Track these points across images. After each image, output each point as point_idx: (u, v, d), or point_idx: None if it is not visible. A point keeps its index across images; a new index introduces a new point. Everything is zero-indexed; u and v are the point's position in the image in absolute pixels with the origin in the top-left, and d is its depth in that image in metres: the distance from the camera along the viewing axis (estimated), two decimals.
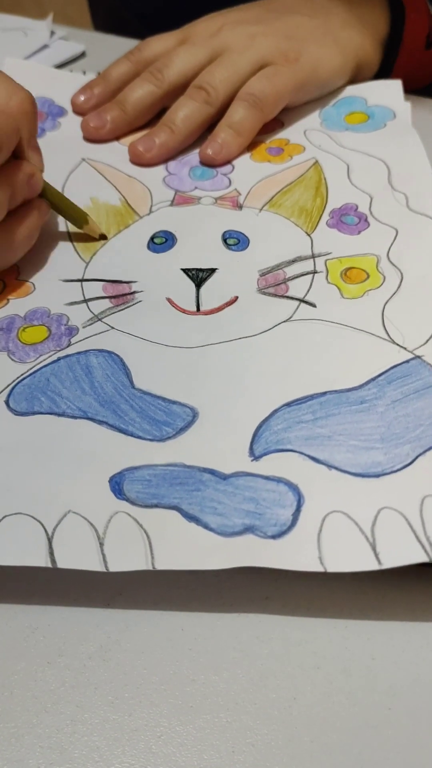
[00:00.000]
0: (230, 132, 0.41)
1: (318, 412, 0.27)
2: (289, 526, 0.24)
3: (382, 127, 0.43)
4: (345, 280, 0.33)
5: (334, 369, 0.29)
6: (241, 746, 0.21)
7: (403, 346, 0.29)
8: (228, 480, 0.25)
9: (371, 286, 0.32)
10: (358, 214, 0.36)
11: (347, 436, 0.26)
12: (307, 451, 0.26)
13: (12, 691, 0.22)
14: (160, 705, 0.22)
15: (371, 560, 0.23)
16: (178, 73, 0.43)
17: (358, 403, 0.27)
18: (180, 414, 0.27)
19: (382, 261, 0.33)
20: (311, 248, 0.35)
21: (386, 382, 0.28)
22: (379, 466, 0.25)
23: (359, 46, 0.46)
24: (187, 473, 0.25)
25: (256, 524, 0.24)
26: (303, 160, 0.41)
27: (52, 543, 0.24)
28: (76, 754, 0.21)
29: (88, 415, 0.28)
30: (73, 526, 0.24)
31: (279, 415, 0.27)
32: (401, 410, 0.27)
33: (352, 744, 0.21)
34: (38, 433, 0.27)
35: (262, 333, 0.30)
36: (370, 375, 0.28)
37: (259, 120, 0.42)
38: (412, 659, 0.23)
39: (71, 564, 0.23)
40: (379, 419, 0.27)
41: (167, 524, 0.24)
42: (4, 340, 0.31)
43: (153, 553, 0.23)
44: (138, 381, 0.29)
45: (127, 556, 0.23)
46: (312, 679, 0.22)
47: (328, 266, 0.34)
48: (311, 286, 0.32)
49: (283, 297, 0.32)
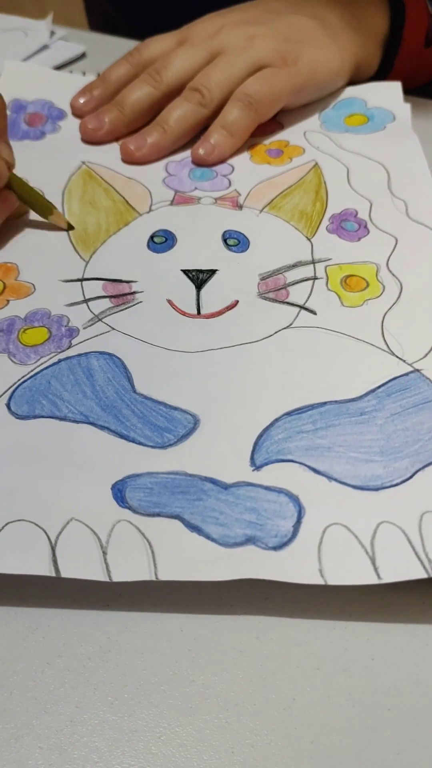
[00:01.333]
0: (223, 133, 0.41)
1: (318, 422, 0.27)
2: (290, 537, 0.24)
3: (382, 129, 0.43)
4: (345, 288, 0.33)
5: (334, 378, 0.29)
6: (241, 747, 0.21)
7: (403, 359, 0.29)
8: (229, 490, 0.25)
9: (371, 295, 0.32)
10: (358, 220, 0.36)
11: (347, 447, 0.26)
12: (308, 461, 0.26)
13: (11, 692, 0.22)
14: (160, 706, 0.22)
15: (371, 574, 0.23)
16: (176, 74, 0.43)
17: (358, 415, 0.27)
18: (181, 421, 0.27)
19: (381, 270, 0.33)
20: (311, 253, 0.35)
21: (385, 395, 0.28)
22: (379, 480, 0.25)
23: (359, 46, 0.46)
24: (189, 482, 0.25)
25: (257, 535, 0.24)
26: (302, 162, 0.41)
27: (56, 551, 0.24)
28: (76, 755, 0.21)
29: (90, 419, 0.28)
30: (76, 535, 0.24)
31: (280, 424, 0.27)
32: (400, 424, 0.27)
33: (352, 744, 0.21)
34: (40, 437, 0.27)
35: (262, 339, 0.31)
36: (369, 386, 0.28)
37: (253, 121, 0.42)
38: (411, 660, 0.23)
39: (75, 573, 0.23)
40: (379, 432, 0.27)
41: (169, 534, 0.24)
42: (5, 341, 0.31)
43: (156, 563, 0.23)
44: (139, 385, 0.29)
45: (130, 566, 0.23)
46: (311, 679, 0.22)
47: (328, 272, 0.34)
48: (311, 293, 0.33)
49: (283, 303, 0.32)
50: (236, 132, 0.42)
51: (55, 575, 0.23)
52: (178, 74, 0.43)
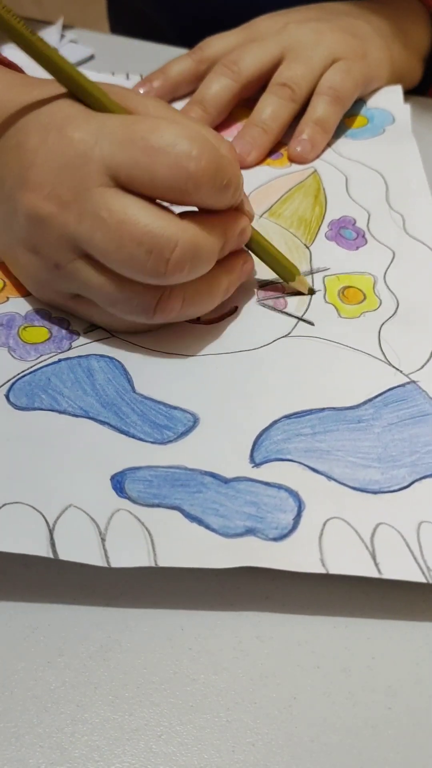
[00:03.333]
0: (317, 129, 0.41)
1: (317, 426, 0.27)
2: (291, 529, 0.24)
3: (381, 133, 0.43)
4: (342, 300, 0.33)
5: (332, 386, 0.29)
6: (242, 745, 0.21)
7: (400, 369, 0.30)
8: (229, 484, 0.25)
9: (368, 308, 0.33)
10: (356, 229, 0.37)
11: (345, 452, 0.26)
12: (307, 462, 0.26)
13: (12, 691, 0.22)
14: (161, 704, 0.22)
15: (372, 568, 0.23)
16: (253, 66, 0.42)
17: (356, 422, 0.28)
18: (181, 419, 0.27)
19: (378, 283, 0.34)
20: (310, 262, 0.35)
21: (383, 404, 0.28)
22: (377, 484, 0.26)
23: (405, 59, 0.46)
24: (189, 475, 0.25)
25: (257, 527, 0.24)
26: (302, 167, 0.41)
27: (54, 534, 0.24)
28: (77, 754, 0.21)
29: (90, 414, 0.28)
30: (74, 520, 0.24)
31: (279, 426, 0.27)
32: (397, 434, 0.27)
33: (352, 743, 0.21)
34: (39, 428, 0.27)
35: (261, 347, 0.31)
36: (367, 395, 0.29)
37: (340, 114, 0.42)
38: (411, 659, 0.23)
39: (72, 556, 0.23)
40: (376, 440, 0.27)
41: (169, 523, 0.24)
42: (5, 335, 0.31)
43: (155, 550, 0.23)
44: (139, 386, 0.29)
45: (129, 553, 0.23)
46: (312, 678, 0.22)
47: (326, 284, 0.34)
48: (309, 305, 0.33)
49: (282, 312, 0.32)
50: (328, 126, 0.42)
51: (53, 557, 0.23)
52: (254, 66, 0.42)
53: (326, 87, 0.42)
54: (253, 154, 0.41)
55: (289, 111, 0.42)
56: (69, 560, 0.23)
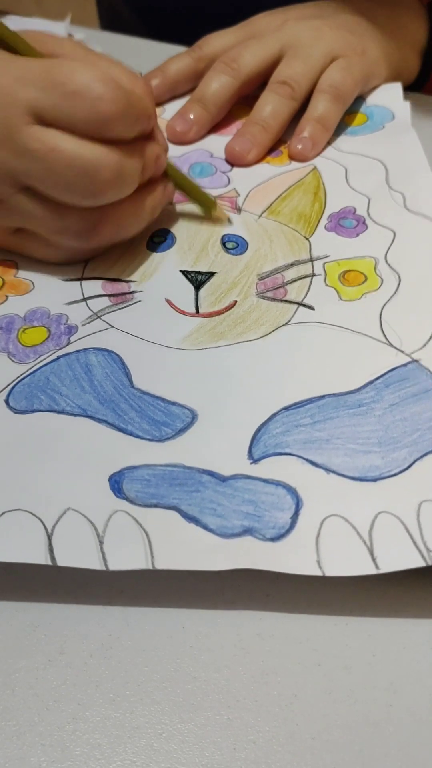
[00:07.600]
0: (318, 127, 0.41)
1: (316, 415, 0.27)
2: (288, 529, 0.24)
3: (381, 129, 0.43)
4: (343, 283, 0.33)
5: (332, 372, 0.29)
6: (243, 743, 0.21)
7: (401, 350, 0.29)
8: (227, 482, 0.25)
9: (369, 288, 0.32)
10: (356, 217, 0.36)
11: (345, 439, 0.26)
12: (305, 454, 0.26)
13: (13, 689, 0.22)
14: (162, 702, 0.22)
15: (369, 564, 0.23)
16: (252, 63, 0.42)
17: (356, 407, 0.27)
18: (179, 415, 0.27)
19: (380, 263, 0.34)
20: (309, 252, 0.35)
21: (384, 386, 0.28)
22: (377, 470, 0.25)
23: (402, 55, 0.46)
24: (187, 474, 0.25)
25: (255, 526, 0.24)
26: (302, 165, 0.41)
27: (52, 540, 0.24)
28: (78, 752, 0.21)
29: (88, 413, 0.28)
30: (72, 524, 0.24)
31: (278, 419, 0.27)
32: (399, 414, 0.27)
33: (353, 741, 0.21)
34: (38, 430, 0.27)
35: (261, 338, 0.31)
36: (367, 378, 0.28)
37: (341, 111, 0.42)
38: (412, 656, 0.23)
39: (71, 562, 0.23)
40: (377, 423, 0.27)
41: (167, 524, 0.24)
42: (4, 341, 0.31)
43: (153, 552, 0.23)
44: (137, 380, 0.29)
45: (126, 555, 0.23)
46: (313, 676, 0.22)
47: (326, 269, 0.34)
48: (309, 289, 0.33)
49: (281, 301, 0.32)
50: (329, 124, 0.41)
51: (52, 564, 0.23)
52: (254, 63, 0.42)
53: (326, 85, 0.42)
54: (253, 152, 0.41)
55: (289, 109, 0.42)
56: (67, 566, 0.23)
